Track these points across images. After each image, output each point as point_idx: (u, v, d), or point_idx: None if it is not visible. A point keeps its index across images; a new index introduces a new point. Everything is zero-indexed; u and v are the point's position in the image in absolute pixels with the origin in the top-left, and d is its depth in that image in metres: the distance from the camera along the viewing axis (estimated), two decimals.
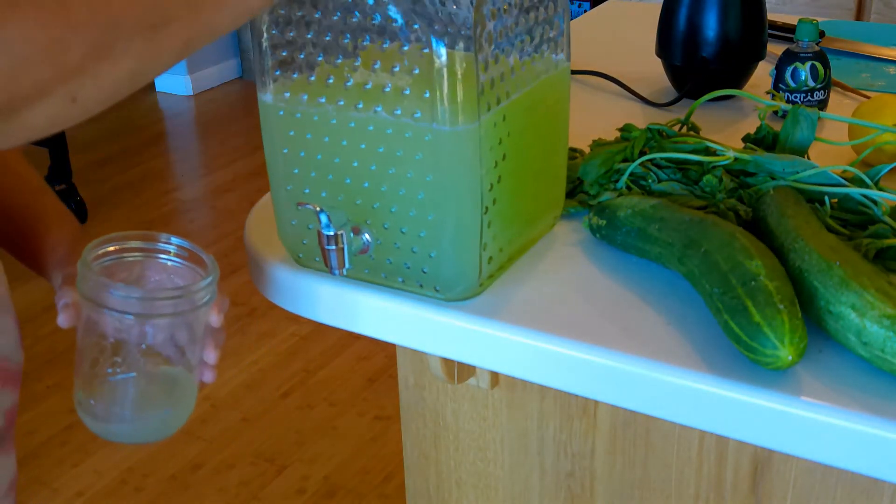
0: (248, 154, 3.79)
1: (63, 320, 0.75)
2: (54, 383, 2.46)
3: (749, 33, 1.20)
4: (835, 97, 1.22)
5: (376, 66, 0.73)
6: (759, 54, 1.22)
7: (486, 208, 0.76)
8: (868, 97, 1.19)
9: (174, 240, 0.79)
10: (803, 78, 1.15)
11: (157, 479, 2.15)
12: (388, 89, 0.73)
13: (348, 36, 0.73)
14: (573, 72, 1.30)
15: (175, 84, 4.47)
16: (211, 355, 0.79)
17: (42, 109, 0.53)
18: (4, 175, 0.85)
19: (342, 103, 0.76)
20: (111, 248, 0.77)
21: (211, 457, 2.21)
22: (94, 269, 0.75)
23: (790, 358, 0.66)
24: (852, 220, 0.85)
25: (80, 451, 2.23)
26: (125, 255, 0.77)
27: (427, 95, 0.71)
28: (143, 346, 0.75)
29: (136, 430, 0.77)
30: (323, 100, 0.77)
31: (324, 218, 0.75)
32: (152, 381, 0.77)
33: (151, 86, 4.52)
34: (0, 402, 0.75)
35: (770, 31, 1.40)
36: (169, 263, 0.78)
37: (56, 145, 3.19)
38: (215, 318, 0.79)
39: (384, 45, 0.72)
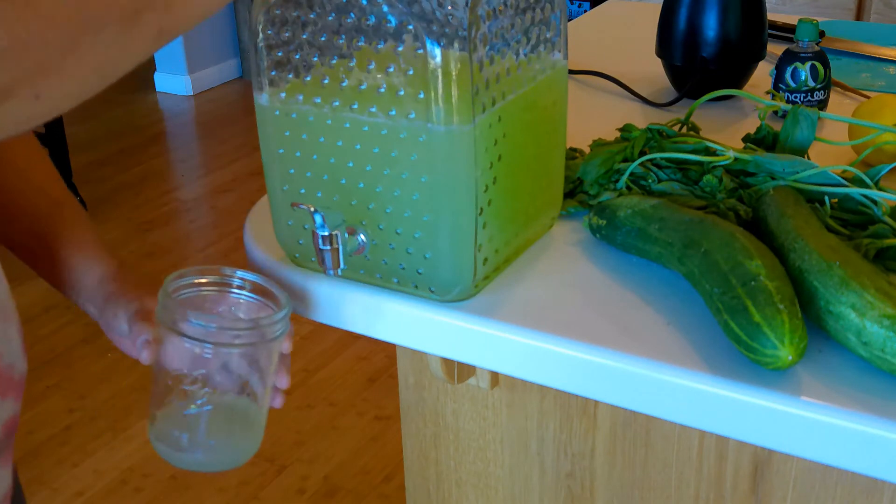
0: (247, 154, 3.79)
1: (146, 357, 0.76)
2: (54, 383, 2.46)
3: (749, 33, 1.20)
4: (835, 97, 1.22)
5: (371, 67, 0.73)
6: (759, 54, 1.22)
7: (482, 209, 0.76)
8: (868, 97, 1.19)
9: (247, 275, 0.81)
10: (803, 78, 1.15)
11: (157, 479, 2.15)
12: (382, 90, 0.73)
13: (343, 36, 0.73)
14: (573, 72, 1.30)
15: (175, 84, 4.47)
16: (283, 381, 0.81)
17: (5, 110, 0.51)
18: (45, 201, 0.84)
19: (337, 104, 0.76)
20: (189, 282, 0.78)
21: None
22: (175, 300, 0.76)
23: (790, 358, 0.66)
24: (852, 220, 0.85)
25: (80, 451, 2.23)
26: (202, 288, 0.79)
27: (422, 96, 0.71)
28: (219, 376, 0.76)
29: (212, 460, 0.79)
30: (318, 100, 0.77)
31: (318, 218, 0.75)
32: (227, 411, 0.79)
33: (151, 86, 4.53)
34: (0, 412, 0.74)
35: (770, 31, 1.40)
36: (241, 298, 0.79)
37: (56, 145, 3.19)
38: (286, 346, 0.80)
39: (379, 46, 0.72)
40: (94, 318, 0.84)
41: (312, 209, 0.75)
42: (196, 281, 0.79)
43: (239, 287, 0.80)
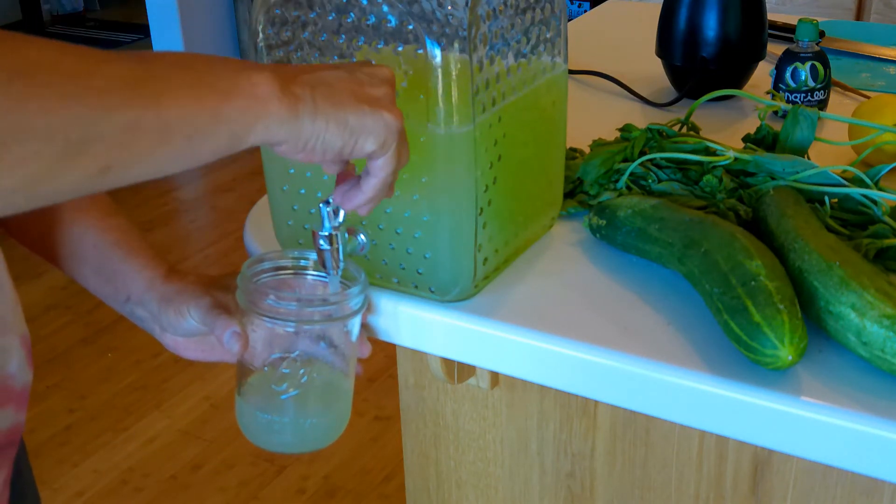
0: (247, 154, 3.76)
1: (239, 348, 0.75)
2: (54, 383, 2.45)
3: (749, 33, 1.20)
4: (835, 97, 1.22)
5: None
6: (759, 54, 1.22)
7: (482, 210, 0.76)
8: (868, 97, 1.19)
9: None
10: (803, 78, 1.15)
11: (157, 479, 2.15)
12: None
13: (343, 36, 0.73)
14: (573, 72, 1.30)
15: None
16: (365, 350, 0.80)
17: None
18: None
19: None
20: (266, 267, 0.78)
21: (211, 457, 2.21)
22: (257, 284, 0.76)
23: (790, 358, 0.66)
24: (852, 220, 0.85)
25: (80, 451, 2.23)
26: (279, 273, 0.79)
27: (422, 97, 0.71)
28: (306, 355, 0.76)
29: (306, 440, 0.79)
30: None
31: (324, 209, 0.74)
32: (318, 389, 0.79)
33: None
34: None
35: (770, 31, 1.40)
36: (319, 280, 0.79)
37: None
38: (366, 318, 0.80)
39: (379, 46, 0.72)
40: (141, 322, 0.82)
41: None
42: (273, 266, 0.78)
43: (315, 269, 0.79)
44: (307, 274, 0.79)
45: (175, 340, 0.82)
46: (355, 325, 0.76)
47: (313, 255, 0.78)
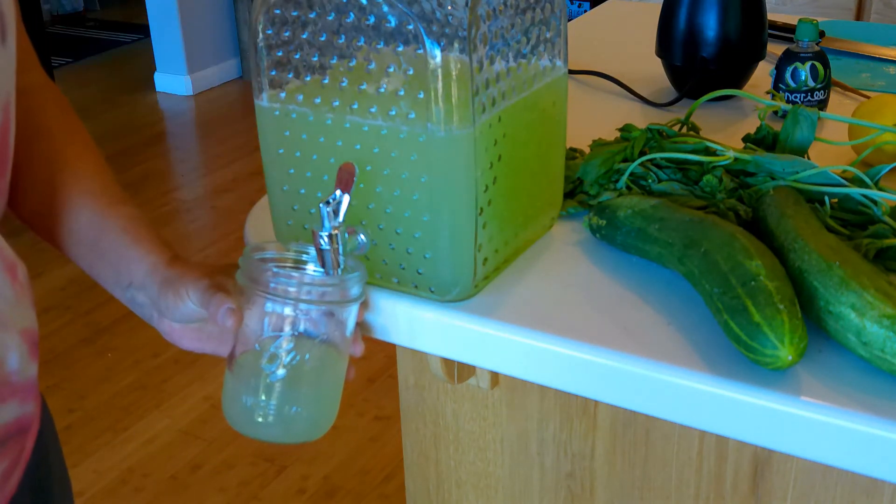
0: (247, 154, 3.79)
1: (232, 325, 0.75)
2: (54, 383, 2.46)
3: (749, 33, 1.20)
4: (835, 97, 1.22)
5: (371, 67, 0.73)
6: (759, 54, 1.22)
7: (481, 209, 0.76)
8: (868, 97, 1.19)
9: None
10: (803, 78, 1.15)
11: (157, 479, 2.15)
12: (382, 90, 0.73)
13: (343, 36, 0.73)
14: (573, 72, 1.30)
15: (175, 84, 4.47)
16: (358, 348, 0.80)
17: None
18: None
19: (337, 104, 0.76)
20: (267, 256, 0.78)
21: (211, 457, 2.21)
22: (258, 262, 0.76)
23: (790, 358, 0.66)
24: (852, 220, 0.85)
25: (80, 452, 2.23)
26: (279, 263, 0.79)
27: (421, 96, 0.71)
28: (301, 339, 0.76)
29: (293, 429, 0.78)
30: (318, 100, 0.77)
31: (324, 209, 0.74)
32: (309, 377, 0.78)
33: (151, 86, 4.53)
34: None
35: (770, 31, 1.40)
36: (317, 274, 0.79)
37: None
38: (361, 313, 0.80)
39: (379, 46, 0.72)
40: (141, 309, 0.83)
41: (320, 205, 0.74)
42: (275, 257, 0.78)
43: (315, 263, 0.79)
44: (307, 266, 0.79)
45: (172, 327, 0.82)
46: (351, 316, 0.76)
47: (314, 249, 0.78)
